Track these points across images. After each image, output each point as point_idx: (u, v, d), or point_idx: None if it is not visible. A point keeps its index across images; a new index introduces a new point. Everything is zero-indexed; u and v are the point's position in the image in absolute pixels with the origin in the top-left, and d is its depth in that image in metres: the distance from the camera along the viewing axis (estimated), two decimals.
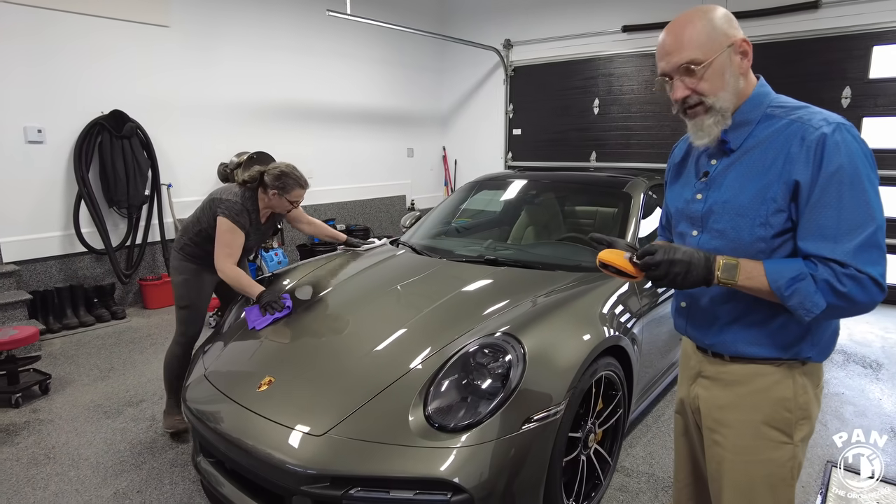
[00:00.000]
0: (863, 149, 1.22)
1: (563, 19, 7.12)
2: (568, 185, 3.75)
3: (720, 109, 1.30)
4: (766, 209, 1.27)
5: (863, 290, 1.17)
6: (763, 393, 1.36)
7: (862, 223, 1.18)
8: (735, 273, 1.24)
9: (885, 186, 5.13)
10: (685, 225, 1.46)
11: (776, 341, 1.33)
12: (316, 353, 2.28)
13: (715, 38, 1.27)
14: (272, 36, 6.11)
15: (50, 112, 4.57)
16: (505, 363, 1.94)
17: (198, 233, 2.82)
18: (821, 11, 5.44)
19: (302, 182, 2.84)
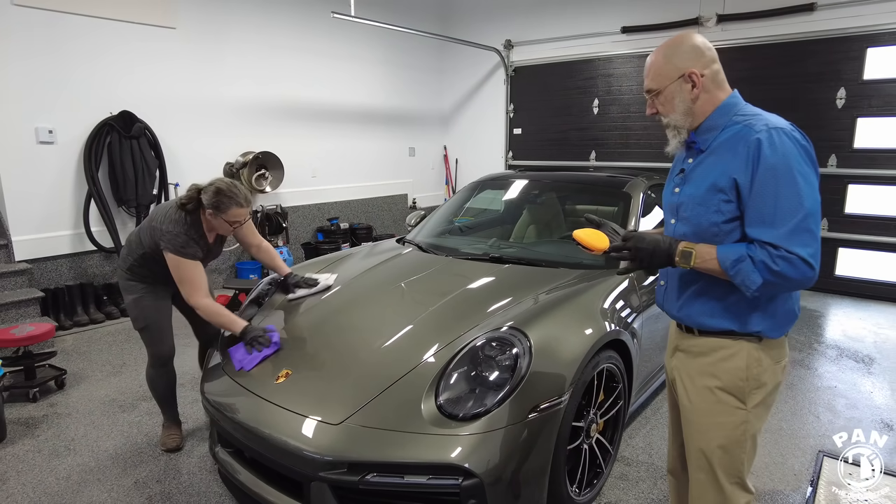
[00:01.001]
0: (798, 148, 1.43)
1: (563, 20, 7.21)
2: (569, 185, 3.86)
3: (674, 126, 1.61)
4: (717, 199, 1.50)
5: (794, 269, 1.37)
6: (722, 362, 1.58)
7: (793, 211, 1.38)
8: (690, 258, 1.50)
9: (881, 185, 5.29)
10: (669, 214, 1.71)
11: (731, 314, 1.55)
12: (330, 347, 2.38)
13: (666, 72, 1.57)
14: (277, 37, 6.20)
15: (61, 113, 4.66)
16: (512, 355, 2.04)
17: (142, 255, 2.62)
18: (816, 13, 5.54)
19: (239, 200, 2.51)
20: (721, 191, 1.48)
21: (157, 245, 2.51)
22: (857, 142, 5.49)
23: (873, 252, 5.56)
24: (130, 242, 2.68)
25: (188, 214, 2.53)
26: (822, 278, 5.71)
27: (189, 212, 2.53)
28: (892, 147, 5.31)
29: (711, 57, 1.56)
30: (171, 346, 2.77)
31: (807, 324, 4.81)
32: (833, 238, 5.71)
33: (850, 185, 5.59)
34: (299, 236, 6.71)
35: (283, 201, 6.41)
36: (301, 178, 6.64)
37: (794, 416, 3.23)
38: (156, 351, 2.73)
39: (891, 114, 5.28)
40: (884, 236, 5.47)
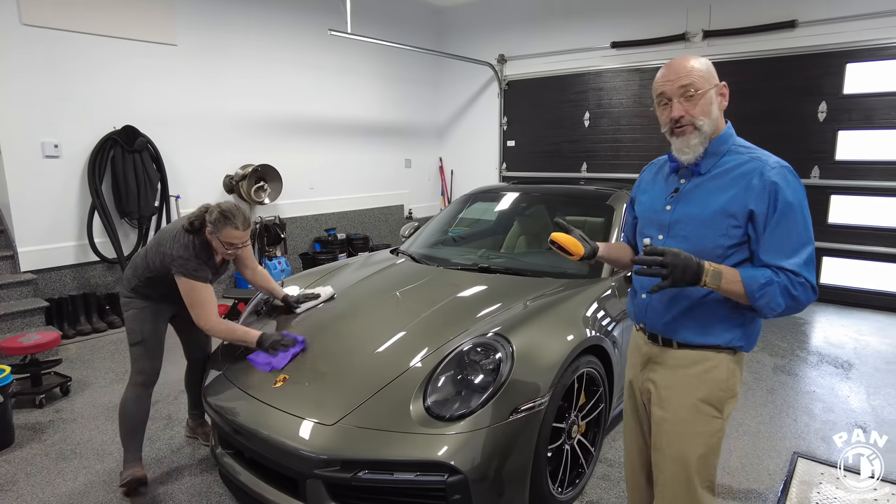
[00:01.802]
0: (801, 186, 1.58)
1: (555, 35, 7.41)
2: (556, 198, 4.00)
3: (705, 132, 1.61)
4: (726, 224, 1.58)
5: (806, 294, 1.52)
6: (704, 375, 1.67)
7: (805, 243, 1.54)
8: (719, 279, 1.51)
9: (862, 195, 5.45)
10: (653, 230, 1.76)
11: (716, 332, 1.65)
12: (326, 354, 2.51)
13: (709, 75, 1.61)
14: (275, 53, 6.37)
15: (66, 128, 4.82)
16: (495, 360, 2.18)
17: (149, 277, 2.60)
18: (798, 30, 5.73)
19: (235, 222, 2.49)
20: (732, 216, 1.57)
21: (166, 268, 2.51)
22: (839, 154, 5.66)
23: (856, 261, 5.71)
24: (136, 265, 2.66)
25: (195, 236, 2.53)
26: None
27: (196, 232, 2.53)
28: (872, 159, 5.48)
29: None
30: (158, 366, 2.72)
31: (790, 331, 4.95)
32: (817, 247, 5.78)
33: (833, 195, 5.76)
34: (297, 247, 6.85)
35: (281, 213, 6.56)
36: (299, 190, 6.79)
37: (773, 419, 3.37)
38: (143, 367, 2.66)
39: (870, 127, 5.46)
40: (866, 245, 5.63)
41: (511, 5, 7.73)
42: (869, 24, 5.33)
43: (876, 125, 5.42)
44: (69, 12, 4.73)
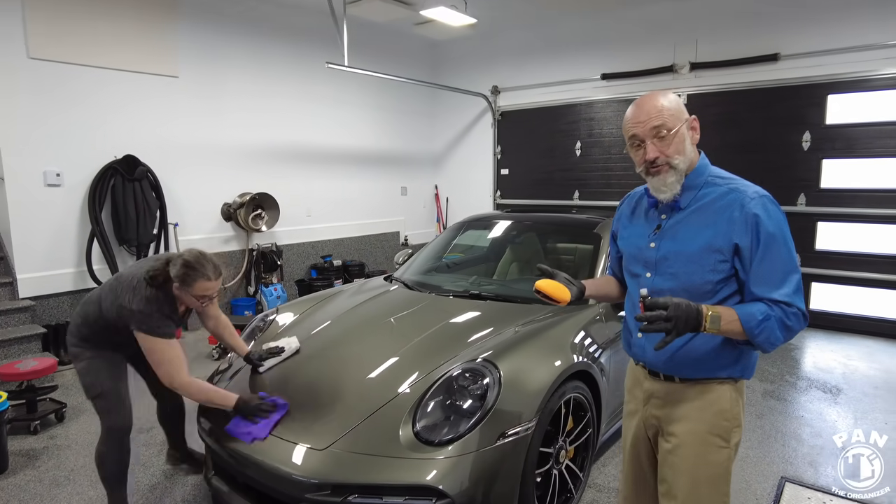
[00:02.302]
0: (783, 215, 1.59)
1: (547, 67, 7.62)
2: (546, 226, 4.10)
3: (680, 170, 1.62)
4: (713, 259, 1.59)
5: (799, 322, 1.54)
6: (707, 407, 1.67)
7: (791, 272, 1.55)
8: (718, 323, 1.50)
9: (847, 222, 5.56)
10: (639, 267, 1.75)
11: (716, 365, 1.65)
12: (318, 379, 2.57)
13: (679, 112, 1.62)
14: (274, 85, 6.54)
15: (69, 157, 4.93)
16: (483, 385, 2.24)
17: (103, 327, 2.42)
18: (780, 63, 5.92)
19: (207, 272, 2.31)
20: (718, 251, 1.57)
21: (122, 323, 2.31)
22: (824, 182, 5.80)
23: (844, 286, 5.80)
24: (87, 314, 2.44)
25: (158, 289, 2.32)
26: None
27: (159, 286, 2.32)
28: (855, 187, 5.62)
29: None
30: (129, 417, 2.50)
31: (780, 356, 5.00)
32: (806, 273, 5.95)
33: (819, 222, 5.88)
34: (293, 273, 6.92)
35: (278, 240, 6.65)
36: (296, 217, 6.89)
37: (761, 444, 3.41)
38: (112, 422, 2.46)
39: (852, 156, 5.61)
40: (853, 271, 5.72)
41: (504, 39, 7.96)
42: (848, 57, 5.52)
43: (858, 154, 5.58)
44: (75, 46, 4.89)
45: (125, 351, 2.52)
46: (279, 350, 2.75)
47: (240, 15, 6.14)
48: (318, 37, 6.76)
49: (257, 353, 2.73)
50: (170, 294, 2.36)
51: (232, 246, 6.27)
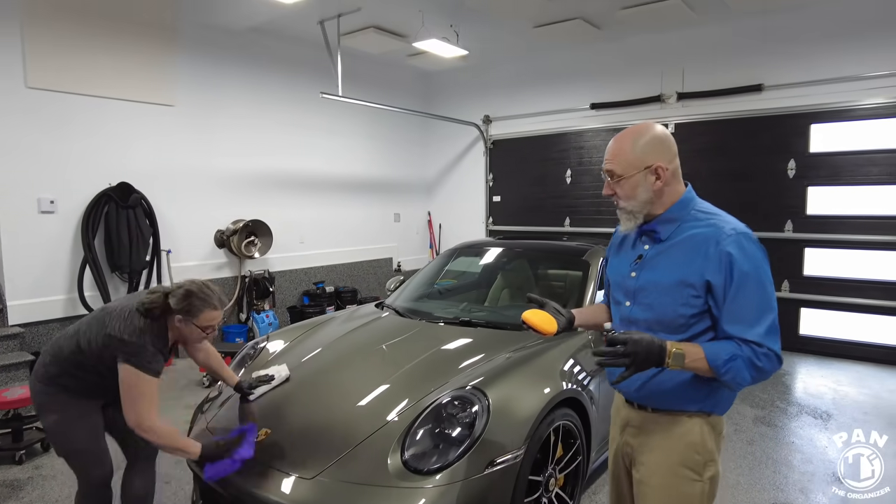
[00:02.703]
0: (761, 252, 1.58)
1: (537, 97, 7.78)
2: (537, 253, 4.15)
3: (630, 212, 1.67)
4: (686, 293, 1.59)
5: (771, 364, 1.52)
6: (678, 439, 1.67)
7: (767, 311, 1.53)
8: (682, 360, 1.51)
9: (834, 248, 5.64)
10: (621, 295, 1.78)
11: (684, 398, 1.65)
12: (307, 407, 2.56)
13: (637, 161, 1.62)
14: (268, 113, 6.64)
15: (63, 184, 4.96)
16: (472, 413, 2.25)
17: (79, 363, 2.20)
18: (764, 93, 6.08)
19: (213, 302, 2.23)
20: (691, 286, 1.57)
21: (108, 355, 2.14)
22: (810, 208, 5.90)
23: (833, 312, 5.86)
24: (60, 347, 2.24)
25: (153, 322, 2.19)
26: (787, 338, 5.95)
27: (155, 318, 2.20)
28: (841, 214, 5.72)
29: (675, 152, 1.66)
30: (110, 467, 2.34)
31: (771, 382, 5.02)
32: (795, 299, 6.02)
33: (807, 248, 5.96)
34: (285, 300, 6.91)
35: (270, 266, 6.66)
36: (289, 244, 6.92)
37: (752, 470, 3.40)
38: (93, 477, 2.29)
39: (836, 183, 5.72)
40: (841, 297, 5.79)
41: (495, 70, 8.14)
42: (829, 88, 5.68)
43: (842, 182, 5.69)
44: (73, 76, 4.97)
45: (98, 397, 2.30)
46: (269, 378, 2.72)
47: (238, 47, 6.26)
48: (312, 67, 6.88)
49: (247, 382, 2.69)
50: (163, 327, 2.24)
51: (224, 273, 6.28)
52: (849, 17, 5.56)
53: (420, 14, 5.89)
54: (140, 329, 2.14)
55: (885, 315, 5.56)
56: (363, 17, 5.99)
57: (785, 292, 6.03)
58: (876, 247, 5.56)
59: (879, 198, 5.51)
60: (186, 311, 2.18)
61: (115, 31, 5.21)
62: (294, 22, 6.11)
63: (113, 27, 5.20)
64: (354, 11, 5.81)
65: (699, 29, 6.35)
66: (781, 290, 6.05)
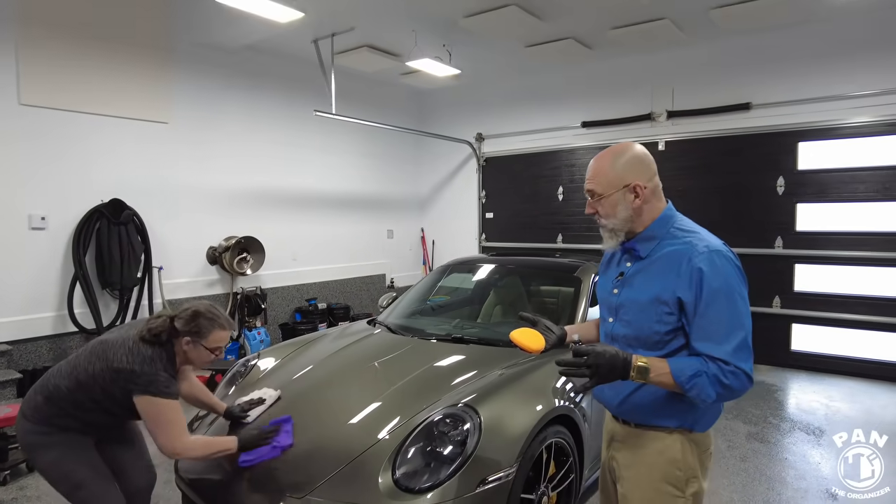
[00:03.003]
0: (734, 269, 1.58)
1: (529, 115, 7.87)
2: (529, 269, 4.16)
3: (611, 229, 1.71)
4: (660, 310, 1.61)
5: (739, 382, 1.51)
6: (659, 454, 1.68)
7: (737, 329, 1.53)
8: (646, 374, 1.54)
9: (823, 264, 5.69)
10: (606, 312, 1.82)
11: (662, 414, 1.67)
12: (298, 425, 2.52)
13: (612, 180, 1.67)
14: (262, 131, 6.67)
15: (54, 201, 4.95)
16: (463, 431, 2.24)
17: (77, 403, 2.14)
18: (752, 112, 6.17)
19: (221, 321, 2.22)
20: (665, 303, 1.59)
21: (119, 390, 2.09)
22: (799, 225, 5.96)
23: (824, 327, 5.89)
24: (56, 387, 2.15)
25: (161, 348, 2.15)
26: (779, 353, 5.98)
27: (161, 344, 2.16)
28: (829, 230, 5.78)
29: (654, 170, 1.71)
30: (121, 499, 2.26)
31: (763, 398, 5.02)
32: (786, 315, 6.05)
33: (797, 264, 6.01)
34: (277, 317, 6.88)
35: (262, 283, 6.64)
36: (281, 261, 6.90)
37: (745, 487, 3.39)
38: None
39: (824, 200, 5.79)
40: (832, 312, 5.82)
41: (487, 88, 8.23)
42: (815, 107, 5.78)
43: (830, 199, 5.76)
44: (67, 93, 4.98)
45: (94, 434, 2.26)
46: (259, 401, 2.66)
47: (233, 65, 6.30)
48: (306, 85, 6.94)
49: (238, 407, 2.62)
50: (171, 352, 2.20)
51: (216, 290, 6.25)
52: (835, 38, 5.68)
53: (413, 34, 5.97)
54: (150, 358, 2.10)
55: (875, 330, 5.60)
56: (357, 36, 6.06)
57: (776, 308, 6.07)
58: (865, 263, 5.62)
59: (867, 214, 5.58)
60: (195, 332, 2.17)
61: (110, 49, 5.24)
62: (288, 41, 6.17)
63: (108, 46, 5.22)
64: (348, 31, 5.88)
65: (688, 48, 6.47)
66: (773, 306, 6.09)
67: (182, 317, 2.17)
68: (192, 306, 2.22)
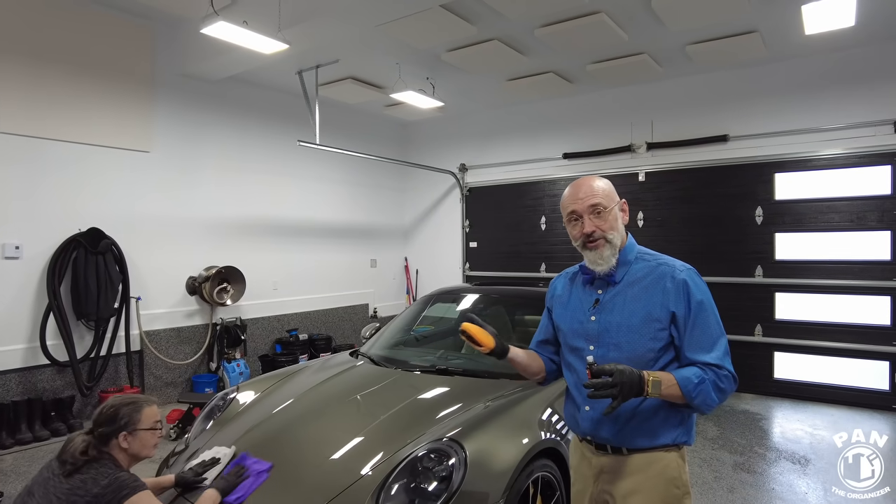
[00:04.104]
0: (705, 285, 1.75)
1: (512, 147, 7.98)
2: (513, 299, 4.15)
3: (615, 244, 1.76)
4: (653, 327, 1.70)
5: (730, 384, 1.66)
6: (658, 476, 1.71)
7: (719, 336, 1.69)
8: (659, 388, 1.60)
9: (802, 293, 5.76)
10: (581, 341, 1.81)
11: (661, 432, 1.72)
12: (279, 461, 2.45)
13: (612, 194, 1.81)
14: (245, 161, 6.65)
15: (29, 230, 4.83)
16: (448, 466, 2.18)
17: None
18: (729, 143, 6.33)
19: (143, 399, 2.19)
20: (657, 320, 1.69)
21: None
22: (778, 254, 6.06)
23: (805, 355, 5.93)
24: None
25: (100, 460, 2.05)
26: (762, 382, 5.98)
27: (99, 457, 2.05)
28: (807, 258, 5.89)
29: None
30: None
31: (748, 427, 5.01)
32: (768, 343, 6.09)
33: (777, 293, 6.08)
34: (257, 348, 6.74)
35: (243, 313, 6.52)
36: (262, 291, 6.81)
37: None
38: None
39: (802, 230, 5.91)
40: (813, 340, 5.88)
41: (470, 120, 8.35)
42: (790, 139, 5.95)
43: (807, 228, 5.88)
44: (45, 120, 4.91)
45: None
46: (214, 460, 2.50)
47: (216, 95, 6.31)
48: (290, 115, 6.97)
49: (191, 472, 2.45)
50: (112, 458, 2.10)
51: (195, 320, 6.13)
52: (806, 73, 5.89)
53: (397, 66, 6.06)
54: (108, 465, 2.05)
55: (855, 358, 5.65)
56: (341, 68, 6.13)
57: (758, 336, 6.12)
58: (843, 291, 5.70)
59: (843, 243, 5.70)
60: (128, 420, 2.12)
61: (92, 78, 5.21)
62: (273, 72, 6.21)
63: (89, 74, 5.19)
64: (333, 63, 5.94)
65: (667, 82, 6.65)
66: (755, 334, 6.13)
67: (103, 419, 2.10)
68: (105, 404, 2.17)
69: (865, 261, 5.60)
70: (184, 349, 5.99)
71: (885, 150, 5.51)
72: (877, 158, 5.55)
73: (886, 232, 5.51)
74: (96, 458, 2.05)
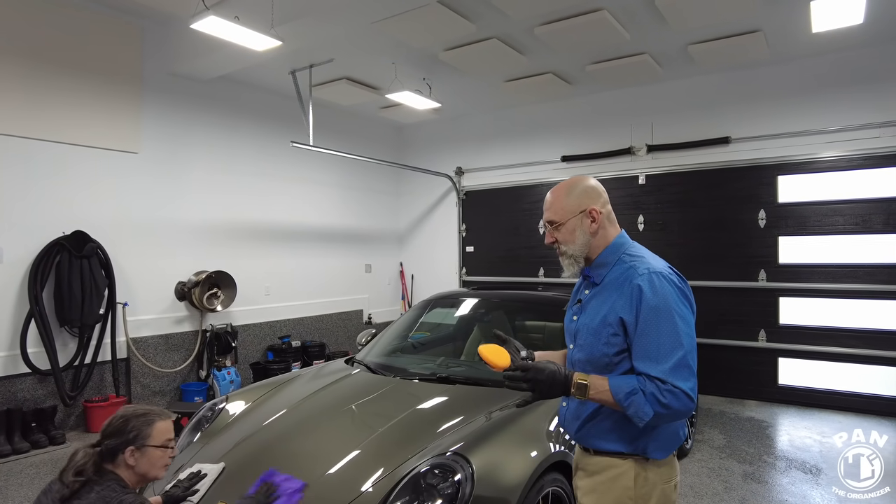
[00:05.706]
0: (675, 290, 1.63)
1: (509, 149, 7.85)
2: (514, 304, 4.01)
3: (571, 255, 1.76)
4: (607, 332, 1.66)
5: (678, 401, 1.53)
6: (612, 482, 1.67)
7: (674, 348, 1.55)
8: (585, 391, 1.59)
9: (807, 297, 5.65)
10: (569, 339, 1.86)
11: (621, 437, 1.66)
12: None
13: (568, 207, 1.74)
14: (237, 163, 6.47)
15: (12, 232, 4.64)
16: (454, 483, 2.03)
17: None
18: (732, 146, 6.22)
19: (156, 413, 2.00)
20: (610, 325, 1.64)
21: None
22: (782, 258, 5.95)
23: (811, 361, 5.81)
24: None
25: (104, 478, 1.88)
26: (766, 388, 5.85)
27: (102, 475, 1.88)
28: (812, 262, 5.78)
29: (606, 198, 1.79)
30: None
31: (756, 435, 4.88)
32: (772, 348, 5.97)
33: (781, 297, 5.96)
34: (249, 356, 6.55)
35: (234, 320, 6.34)
36: (254, 296, 6.63)
37: None
38: None
39: (805, 233, 5.80)
40: (818, 346, 5.76)
41: (467, 122, 8.22)
42: (791, 141, 5.85)
43: (810, 231, 5.78)
44: (28, 121, 4.72)
45: None
46: (201, 476, 2.34)
47: (207, 95, 6.14)
48: (283, 117, 6.81)
49: (180, 487, 2.26)
50: (118, 478, 1.90)
51: (184, 327, 5.93)
52: (808, 75, 5.80)
53: (393, 67, 5.92)
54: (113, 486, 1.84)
55: (863, 364, 5.54)
56: (335, 68, 5.99)
57: (762, 342, 6.00)
58: (850, 295, 5.59)
59: (848, 246, 5.59)
60: (136, 435, 1.90)
61: (76, 76, 5.02)
62: (265, 72, 6.06)
63: (74, 74, 5.01)
64: (327, 62, 5.80)
65: (667, 83, 6.54)
66: (759, 340, 6.01)
67: (111, 430, 1.90)
68: (116, 414, 1.96)
69: (872, 264, 5.50)
70: (172, 357, 5.79)
71: (891, 152, 5.42)
72: (882, 160, 5.45)
73: (893, 235, 5.41)
74: (98, 480, 1.84)
